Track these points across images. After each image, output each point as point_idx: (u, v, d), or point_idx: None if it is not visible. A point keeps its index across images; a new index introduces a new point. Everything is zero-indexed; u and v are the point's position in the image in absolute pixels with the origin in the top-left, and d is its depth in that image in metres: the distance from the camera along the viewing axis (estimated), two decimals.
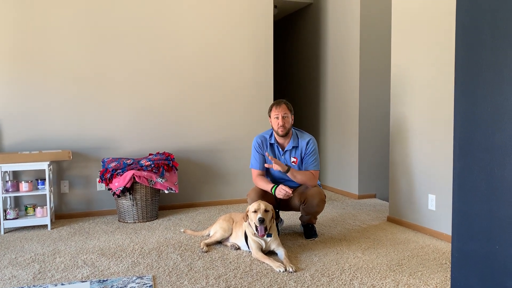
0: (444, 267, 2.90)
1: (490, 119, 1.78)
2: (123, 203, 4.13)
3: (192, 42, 4.76)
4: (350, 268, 2.88)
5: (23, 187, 3.93)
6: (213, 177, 4.91)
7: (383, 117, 5.05)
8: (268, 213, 3.09)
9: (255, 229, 3.08)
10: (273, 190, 3.39)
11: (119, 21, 4.49)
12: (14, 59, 4.19)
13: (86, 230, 3.90)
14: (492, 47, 1.77)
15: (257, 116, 5.01)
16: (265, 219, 3.03)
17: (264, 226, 3.04)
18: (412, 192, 3.85)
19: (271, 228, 3.14)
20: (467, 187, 1.88)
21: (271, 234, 3.12)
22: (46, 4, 4.26)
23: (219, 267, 2.93)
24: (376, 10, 5.06)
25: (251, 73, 5.00)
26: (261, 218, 3.01)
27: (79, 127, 4.40)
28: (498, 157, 1.74)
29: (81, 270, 2.90)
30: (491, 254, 1.79)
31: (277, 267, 2.84)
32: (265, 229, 3.05)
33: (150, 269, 2.90)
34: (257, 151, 3.62)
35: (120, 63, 4.51)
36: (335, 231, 3.79)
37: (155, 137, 4.66)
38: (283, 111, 3.49)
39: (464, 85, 1.90)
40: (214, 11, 4.83)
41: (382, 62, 5.04)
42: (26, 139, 4.24)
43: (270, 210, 3.12)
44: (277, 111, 3.49)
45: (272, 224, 3.17)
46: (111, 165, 4.11)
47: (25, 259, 3.13)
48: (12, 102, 4.20)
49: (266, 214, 3.07)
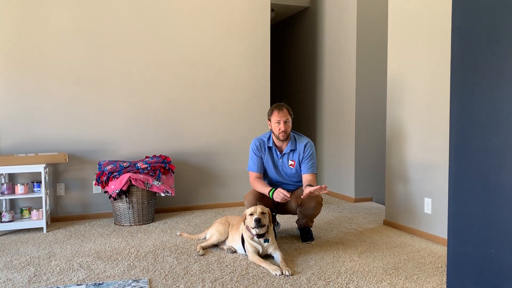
0: (440, 271, 2.90)
1: (486, 123, 1.78)
2: (119, 206, 4.11)
3: (189, 46, 4.77)
4: (347, 272, 2.89)
5: (19, 190, 3.91)
6: (209, 180, 4.91)
7: (379, 120, 5.07)
8: (265, 215, 3.09)
9: (253, 230, 3.08)
10: (271, 194, 3.38)
11: (117, 24, 4.49)
12: (10, 61, 4.18)
13: (82, 233, 3.88)
14: (488, 51, 1.78)
15: (254, 119, 5.02)
16: (262, 219, 3.03)
17: (262, 225, 3.03)
18: (408, 195, 3.86)
19: (269, 233, 3.14)
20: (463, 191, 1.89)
21: (268, 239, 3.11)
22: (44, 7, 4.25)
23: (216, 270, 2.92)
24: (373, 14, 5.09)
25: (248, 76, 5.01)
26: (257, 219, 3.01)
27: (76, 130, 4.39)
28: (494, 161, 1.75)
29: (77, 273, 2.89)
30: (487, 258, 1.79)
31: (274, 271, 2.84)
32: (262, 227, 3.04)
33: (146, 272, 2.89)
34: (255, 153, 3.62)
35: (117, 65, 4.51)
36: (332, 234, 3.79)
37: (152, 140, 4.65)
38: (284, 117, 3.48)
39: (460, 89, 1.91)
40: (212, 15, 4.84)
41: (378, 66, 5.06)
42: (22, 142, 4.23)
43: (266, 213, 3.12)
44: (279, 116, 3.48)
45: (270, 229, 3.17)
46: (108, 167, 4.10)
47: (20, 262, 3.12)
48: (9, 104, 4.19)
49: (263, 216, 3.07)
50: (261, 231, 3.08)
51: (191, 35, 4.77)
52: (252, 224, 3.04)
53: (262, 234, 3.09)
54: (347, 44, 5.19)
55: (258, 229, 3.05)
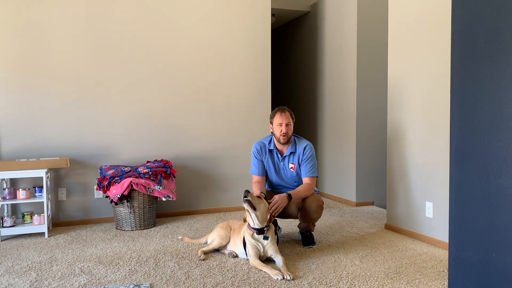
0: (441, 275, 2.89)
1: (487, 127, 1.79)
2: (120, 211, 4.12)
3: (190, 50, 4.78)
4: (348, 276, 2.88)
5: (21, 195, 3.92)
6: (210, 185, 4.91)
7: (380, 124, 5.07)
8: (261, 202, 3.10)
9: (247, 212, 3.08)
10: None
11: (119, 30, 4.51)
12: (12, 66, 4.20)
13: (83, 238, 3.89)
14: (488, 56, 1.78)
15: (255, 123, 5.02)
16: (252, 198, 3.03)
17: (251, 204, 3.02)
18: (410, 199, 3.86)
19: (269, 231, 3.14)
20: (464, 195, 1.89)
21: (268, 236, 3.11)
22: (46, 12, 4.28)
23: (217, 275, 2.92)
24: (373, 18, 5.10)
25: (249, 80, 5.02)
26: (246, 190, 3.03)
27: (77, 135, 4.40)
28: (495, 165, 1.75)
29: (78, 278, 2.89)
30: (488, 262, 1.79)
31: (275, 275, 2.83)
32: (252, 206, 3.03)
33: (147, 277, 2.89)
34: (256, 157, 3.63)
35: (118, 71, 4.52)
36: (333, 238, 3.78)
37: (153, 145, 4.66)
38: (287, 120, 3.49)
39: (460, 92, 1.92)
40: (212, 19, 4.85)
41: (379, 69, 5.07)
42: (24, 147, 4.24)
43: (262, 201, 3.13)
44: (281, 119, 3.49)
45: (270, 228, 3.17)
46: (109, 172, 4.11)
47: (22, 267, 3.12)
48: (10, 109, 4.20)
49: (259, 201, 3.09)
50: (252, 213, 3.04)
51: (193, 40, 4.79)
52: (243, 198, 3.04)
53: (261, 230, 3.09)
54: (348, 48, 5.20)
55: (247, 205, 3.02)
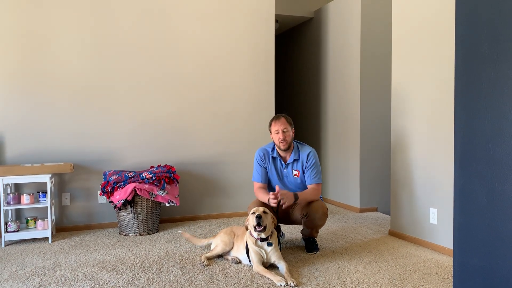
0: (446, 282, 2.88)
1: (491, 133, 1.78)
2: (124, 216, 4.12)
3: (194, 56, 4.80)
4: (352, 283, 2.87)
5: (25, 200, 3.93)
6: (214, 190, 4.91)
7: (384, 130, 5.06)
8: (266, 215, 3.09)
9: (253, 230, 3.07)
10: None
11: (123, 36, 4.54)
12: (16, 71, 4.23)
13: (87, 243, 3.89)
14: (492, 61, 1.79)
15: (258, 129, 5.03)
16: (263, 218, 3.03)
17: (263, 226, 3.03)
18: (414, 206, 3.84)
19: (272, 237, 3.13)
20: (468, 201, 1.89)
21: (271, 243, 3.11)
22: (49, 16, 4.31)
23: (220, 281, 2.91)
24: (377, 24, 5.11)
25: (252, 86, 5.03)
26: (258, 215, 3.02)
27: (81, 140, 4.41)
28: (499, 171, 1.75)
29: (82, 284, 2.89)
30: (493, 269, 1.78)
31: (278, 281, 2.82)
32: (263, 228, 3.04)
33: (150, 283, 2.89)
34: (259, 164, 3.63)
35: (122, 76, 4.55)
36: (337, 245, 3.77)
37: (157, 150, 4.67)
38: (282, 126, 3.49)
39: (464, 99, 1.92)
40: (216, 26, 4.88)
41: (382, 76, 5.07)
42: (28, 152, 4.26)
43: (269, 213, 3.12)
44: (277, 126, 3.50)
45: (273, 234, 3.16)
46: (113, 177, 4.12)
47: (26, 272, 3.12)
48: (14, 114, 4.23)
49: (265, 216, 3.08)
50: (262, 234, 3.07)
51: (196, 47, 4.81)
52: (253, 221, 3.04)
53: (265, 237, 3.09)
54: (351, 55, 5.21)
55: (258, 228, 3.03)
